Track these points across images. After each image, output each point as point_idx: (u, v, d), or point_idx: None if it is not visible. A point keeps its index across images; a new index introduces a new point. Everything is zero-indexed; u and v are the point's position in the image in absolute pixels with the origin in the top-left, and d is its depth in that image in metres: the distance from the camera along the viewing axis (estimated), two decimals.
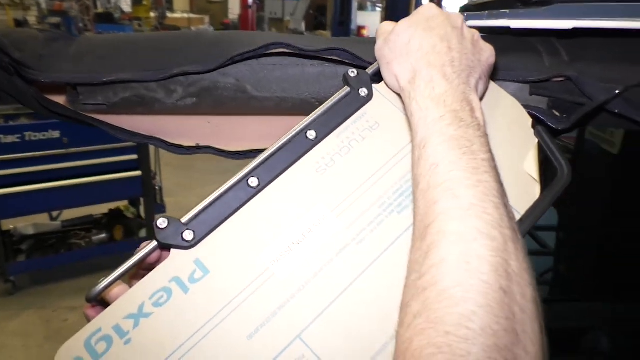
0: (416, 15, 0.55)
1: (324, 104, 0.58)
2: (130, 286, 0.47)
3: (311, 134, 0.55)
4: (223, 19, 14.87)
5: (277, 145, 0.54)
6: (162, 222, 0.49)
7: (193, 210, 0.50)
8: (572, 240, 1.96)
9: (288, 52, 0.61)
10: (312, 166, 0.54)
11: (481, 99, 0.54)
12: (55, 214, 3.26)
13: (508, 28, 0.62)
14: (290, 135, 0.55)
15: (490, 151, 0.45)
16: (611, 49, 0.63)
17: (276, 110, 0.66)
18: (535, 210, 0.52)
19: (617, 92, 0.55)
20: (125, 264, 0.48)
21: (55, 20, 6.71)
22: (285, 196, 0.52)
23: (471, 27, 0.68)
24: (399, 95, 0.56)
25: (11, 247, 2.92)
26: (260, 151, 0.69)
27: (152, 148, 2.96)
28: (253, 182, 0.52)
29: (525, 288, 0.37)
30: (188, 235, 0.49)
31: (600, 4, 0.58)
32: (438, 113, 0.47)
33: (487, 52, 0.56)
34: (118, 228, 3.20)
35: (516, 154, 0.55)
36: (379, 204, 0.52)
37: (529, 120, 0.58)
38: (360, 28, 11.95)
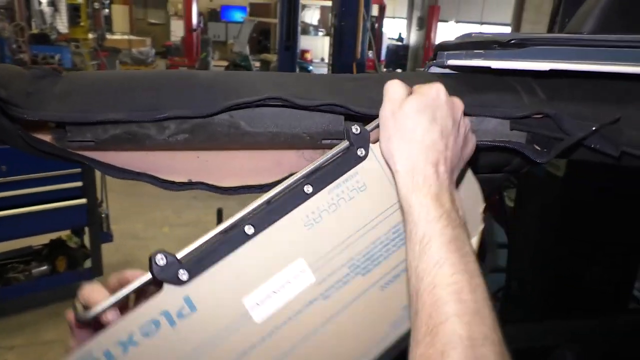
0: (425, 99, 0.57)
1: (322, 157, 0.59)
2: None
3: (308, 189, 0.57)
4: (165, 42, 14.67)
5: (274, 194, 0.56)
6: (160, 259, 0.50)
7: (189, 247, 0.52)
8: (522, 259, 2.06)
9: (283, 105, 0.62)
10: (301, 220, 0.57)
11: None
12: None
13: (489, 68, 0.67)
14: (289, 186, 0.57)
15: (471, 245, 0.54)
16: (582, 89, 0.68)
17: (269, 145, 0.67)
18: None
19: (594, 128, 0.60)
20: (120, 292, 0.49)
21: None
22: (274, 246, 0.55)
23: (453, 66, 0.72)
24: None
25: None
26: (252, 187, 0.69)
27: (97, 174, 2.85)
28: (249, 229, 0.55)
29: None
30: (183, 274, 0.51)
31: (573, 47, 0.63)
32: (437, 213, 0.52)
33: (471, 145, 0.62)
34: (61, 259, 3.03)
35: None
36: (349, 265, 0.58)
37: (482, 206, 0.65)
38: (303, 52, 12.16)
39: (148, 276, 0.50)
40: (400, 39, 15.07)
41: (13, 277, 2.90)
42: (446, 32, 12.75)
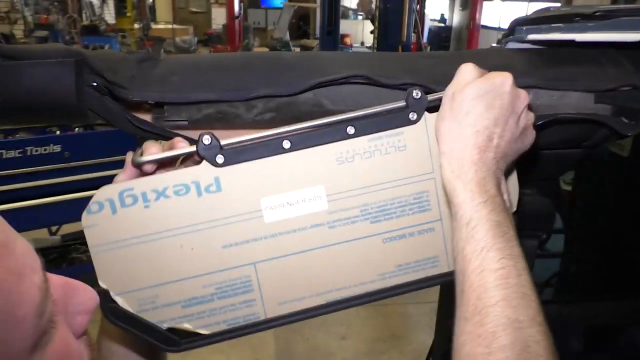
0: (489, 84, 0.57)
1: (376, 107, 0.61)
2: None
3: (350, 130, 0.60)
4: (206, 30, 14.88)
5: (319, 123, 0.60)
6: (206, 139, 0.57)
7: (233, 140, 0.58)
8: (582, 242, 2.01)
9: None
10: (334, 154, 0.60)
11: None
12: (54, 228, 3.21)
13: (572, 41, 0.66)
14: (334, 121, 0.60)
15: (515, 230, 0.56)
16: None
17: None
18: None
19: None
20: (169, 152, 0.58)
21: (42, 33, 6.66)
22: (303, 166, 0.60)
23: (533, 41, 0.71)
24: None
25: None
26: None
27: None
28: (286, 144, 0.59)
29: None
30: (219, 158, 0.57)
31: None
32: (482, 198, 0.54)
33: (529, 140, 0.62)
34: None
35: None
36: (362, 208, 0.62)
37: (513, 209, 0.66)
38: (343, 36, 12.06)
39: (193, 149, 0.57)
40: (442, 19, 14.70)
41: (76, 257, 3.06)
42: (492, 11, 12.34)
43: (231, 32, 9.96)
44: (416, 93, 0.60)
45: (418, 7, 10.85)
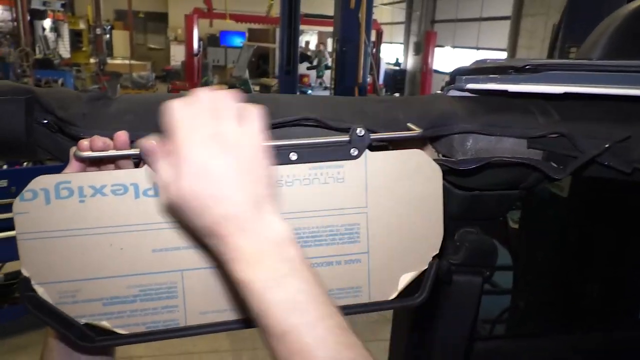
0: None
1: (321, 138, 0.64)
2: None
3: (293, 156, 0.62)
4: (165, 66, 14.87)
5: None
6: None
7: None
8: (530, 278, 2.09)
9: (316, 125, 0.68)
10: (275, 177, 0.61)
11: None
12: None
13: (505, 91, 0.72)
14: (278, 145, 0.61)
15: None
16: (594, 110, 0.73)
17: None
18: None
19: (606, 146, 0.65)
20: (112, 152, 0.58)
21: None
22: None
23: (472, 89, 0.77)
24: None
25: None
26: None
27: None
28: None
29: None
30: None
31: (585, 72, 0.68)
32: None
33: None
34: None
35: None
36: (295, 232, 0.62)
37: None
38: (302, 76, 12.32)
39: (137, 152, 0.57)
40: (397, 63, 15.31)
41: (19, 297, 2.91)
42: (443, 57, 12.97)
43: (190, 69, 10.00)
44: (360, 131, 0.63)
45: (374, 50, 11.30)
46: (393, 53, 15.77)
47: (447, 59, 13.06)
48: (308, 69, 12.00)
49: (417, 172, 0.67)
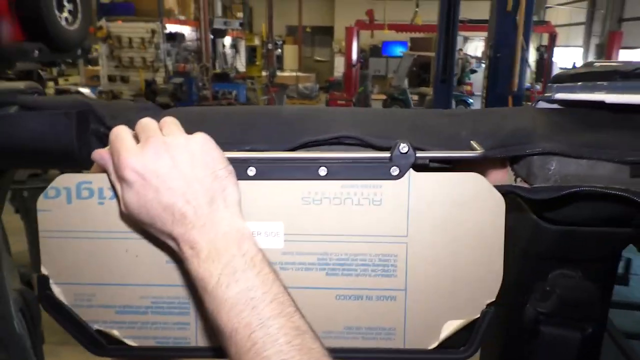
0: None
1: (357, 152, 0.57)
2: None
3: (322, 171, 0.56)
4: (328, 77, 15.57)
5: (292, 157, 0.57)
6: None
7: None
8: None
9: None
10: (302, 192, 0.57)
11: None
12: None
13: (602, 103, 0.56)
14: (306, 158, 0.57)
15: None
16: None
17: None
18: None
19: None
20: None
21: (178, 80, 7.44)
22: (266, 198, 0.57)
23: (561, 101, 0.63)
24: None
25: None
26: None
27: None
28: (251, 171, 0.57)
29: None
30: None
31: None
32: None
33: None
34: None
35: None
36: (319, 256, 0.57)
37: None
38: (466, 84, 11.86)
39: None
40: (574, 68, 13.80)
41: None
42: (633, 59, 11.29)
43: (348, 79, 10.30)
44: (403, 147, 0.55)
45: (546, 55, 10.33)
46: (570, 57, 14.24)
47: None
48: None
49: (473, 199, 0.56)
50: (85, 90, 6.91)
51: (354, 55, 10.23)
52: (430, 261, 0.57)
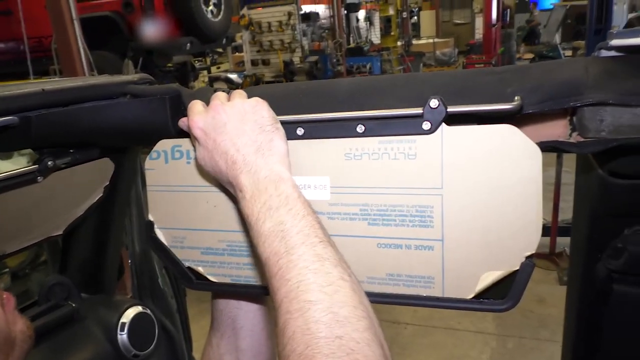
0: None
1: (391, 110, 0.60)
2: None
3: (360, 128, 0.61)
4: (469, 40, 14.72)
5: (330, 117, 0.63)
6: None
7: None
8: None
9: None
10: (344, 149, 0.62)
11: None
12: None
13: None
14: (344, 117, 0.62)
15: None
16: None
17: None
18: None
19: None
20: None
21: (313, 58, 7.74)
22: (312, 155, 0.64)
23: (619, 47, 0.60)
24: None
25: None
26: None
27: None
28: (300, 131, 0.64)
29: (357, 324, 0.45)
30: None
31: None
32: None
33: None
34: None
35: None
36: (361, 207, 0.62)
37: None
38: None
39: None
40: None
41: None
42: None
43: (487, 41, 9.65)
44: (434, 102, 0.58)
45: None
46: None
47: None
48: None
49: (507, 151, 0.57)
50: (232, 76, 7.58)
51: (494, 14, 9.51)
52: (465, 212, 0.59)
